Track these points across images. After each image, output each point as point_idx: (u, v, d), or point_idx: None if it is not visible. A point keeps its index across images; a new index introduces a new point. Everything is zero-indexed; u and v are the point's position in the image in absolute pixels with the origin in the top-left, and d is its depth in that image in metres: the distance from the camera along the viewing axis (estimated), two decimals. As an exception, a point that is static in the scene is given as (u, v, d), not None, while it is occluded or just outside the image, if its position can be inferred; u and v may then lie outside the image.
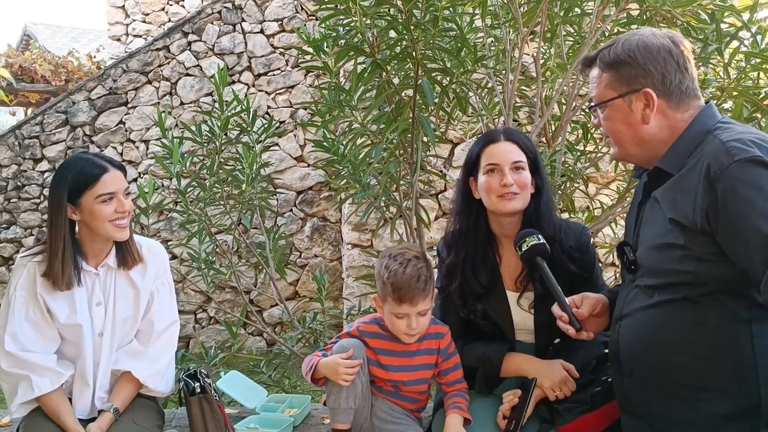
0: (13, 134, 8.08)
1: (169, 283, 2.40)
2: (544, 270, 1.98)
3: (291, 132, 7.47)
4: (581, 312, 1.90)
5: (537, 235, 2.03)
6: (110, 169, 2.17)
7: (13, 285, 2.20)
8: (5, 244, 8.07)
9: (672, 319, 1.63)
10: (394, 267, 2.07)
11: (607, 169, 5.18)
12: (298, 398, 2.69)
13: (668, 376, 1.65)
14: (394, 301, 2.06)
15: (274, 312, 7.39)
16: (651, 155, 1.74)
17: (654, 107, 1.69)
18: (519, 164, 2.12)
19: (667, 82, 1.68)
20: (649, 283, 1.69)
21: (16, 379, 2.16)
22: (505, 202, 2.10)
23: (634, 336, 1.72)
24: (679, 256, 1.59)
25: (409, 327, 2.08)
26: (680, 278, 1.60)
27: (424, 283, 2.06)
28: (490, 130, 2.32)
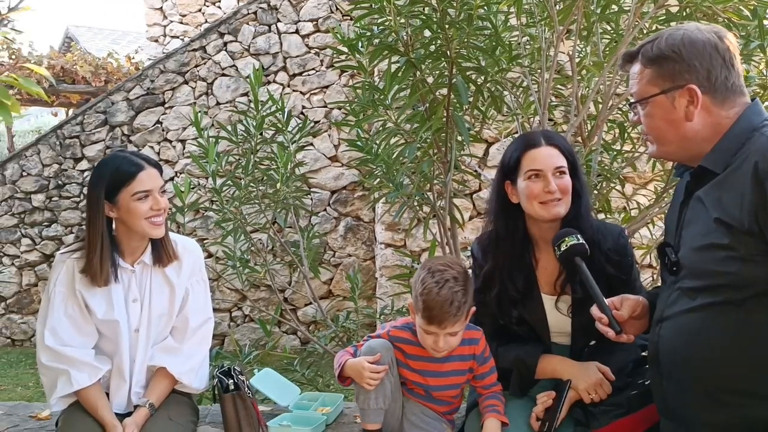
0: (54, 134, 8.26)
1: (203, 280, 2.42)
2: (583, 271, 1.95)
3: (325, 132, 7.51)
4: (621, 314, 1.86)
5: (576, 235, 2.00)
6: (146, 167, 2.20)
7: (52, 281, 2.25)
8: (46, 242, 8.25)
9: (715, 322, 1.59)
10: (429, 284, 2.01)
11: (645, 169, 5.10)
12: (330, 396, 2.69)
13: (710, 380, 1.61)
14: (423, 318, 2.03)
15: (308, 310, 7.43)
16: (692, 153, 1.69)
17: (698, 104, 1.64)
18: (561, 169, 2.09)
19: (712, 78, 1.63)
20: (692, 285, 1.64)
21: (55, 373, 2.20)
22: (549, 208, 2.07)
23: (675, 339, 1.68)
24: (724, 257, 1.55)
25: (436, 344, 2.06)
26: (724, 280, 1.56)
27: (456, 308, 2.00)
28: (527, 132, 2.28)
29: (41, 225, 8.25)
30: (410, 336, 2.18)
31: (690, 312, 1.64)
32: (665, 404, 1.74)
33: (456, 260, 2.25)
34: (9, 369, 7.31)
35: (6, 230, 8.26)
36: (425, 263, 2.12)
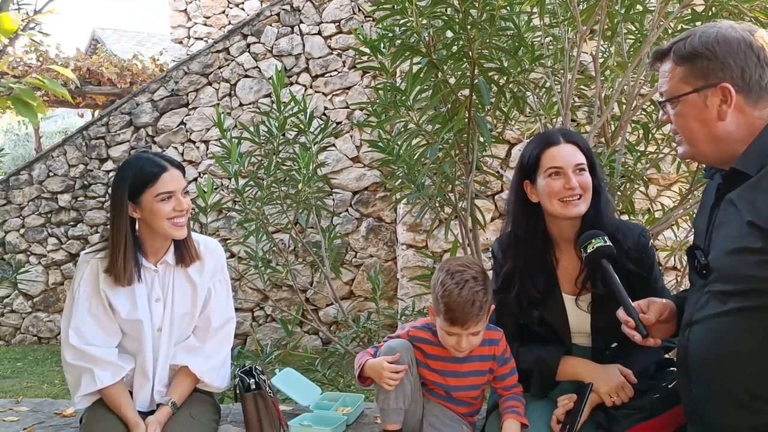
0: (80, 135, 8.37)
1: (225, 280, 2.44)
2: (610, 273, 1.92)
3: (347, 132, 7.52)
4: (648, 317, 1.83)
5: (603, 236, 1.97)
6: (169, 168, 2.23)
7: (77, 280, 2.28)
8: (72, 241, 8.36)
9: (746, 327, 1.55)
10: (449, 286, 2.01)
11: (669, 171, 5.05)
12: (351, 397, 2.70)
13: (740, 386, 1.57)
14: (445, 320, 2.03)
15: (330, 311, 7.45)
16: (724, 154, 1.65)
17: (732, 103, 1.59)
18: (581, 166, 2.08)
19: (746, 77, 1.59)
20: (723, 289, 1.60)
21: (79, 371, 2.23)
22: (569, 206, 2.06)
23: (704, 343, 1.65)
24: (756, 261, 1.51)
25: (458, 345, 2.05)
26: (756, 284, 1.52)
27: (478, 308, 2.00)
28: (545, 131, 2.28)
29: (67, 224, 8.36)
30: (430, 336, 2.18)
31: (720, 316, 1.61)
32: (693, 409, 1.70)
33: (473, 260, 2.25)
34: (35, 366, 7.42)
35: (33, 230, 8.38)
36: (443, 265, 2.12)
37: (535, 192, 2.14)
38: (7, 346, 8.47)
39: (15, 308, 8.52)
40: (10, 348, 8.36)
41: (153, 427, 2.16)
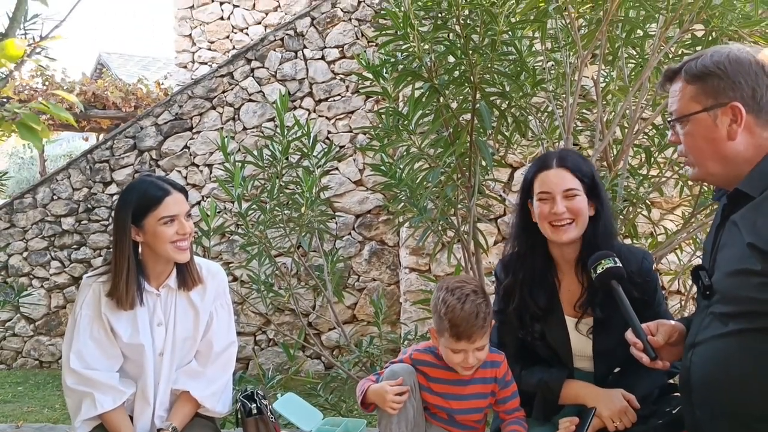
0: (84, 158, 8.40)
1: (227, 304, 2.43)
2: (620, 294, 1.91)
3: (350, 156, 7.55)
4: (657, 339, 1.82)
5: (613, 257, 1.96)
6: (172, 192, 2.23)
7: (79, 304, 2.28)
8: (75, 265, 8.36)
9: (747, 349, 1.55)
10: (452, 302, 2.02)
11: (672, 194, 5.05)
12: (353, 422, 2.67)
13: (742, 408, 1.56)
14: (451, 337, 2.02)
15: (332, 335, 7.42)
16: (733, 175, 1.64)
17: (742, 122, 1.59)
18: (571, 192, 2.07)
19: (757, 97, 1.58)
20: (724, 311, 1.60)
21: (80, 396, 2.22)
22: (558, 231, 2.06)
23: (706, 365, 1.64)
24: (757, 284, 1.50)
25: (465, 362, 2.05)
26: (757, 307, 1.51)
27: (482, 320, 2.01)
28: (546, 153, 2.29)
29: (70, 248, 8.37)
30: (433, 359, 2.17)
31: (722, 338, 1.60)
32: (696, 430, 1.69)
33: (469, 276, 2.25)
34: (36, 391, 7.38)
35: (36, 253, 8.39)
36: (441, 284, 2.13)
37: (533, 213, 2.15)
38: (8, 369, 8.43)
39: (17, 332, 8.50)
40: (11, 372, 8.33)
41: (153, 452, 2.15)
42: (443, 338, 2.06)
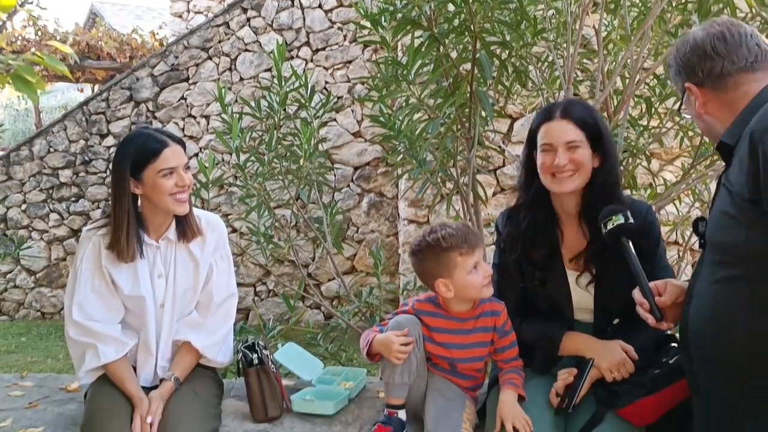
0: (80, 110, 8.34)
1: (227, 255, 2.44)
2: (629, 252, 1.91)
3: (348, 107, 7.49)
4: (664, 300, 1.84)
5: (625, 213, 1.95)
6: (170, 143, 2.21)
7: (79, 257, 2.28)
8: (74, 217, 8.37)
9: (731, 297, 1.58)
10: (443, 232, 2.09)
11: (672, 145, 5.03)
12: (353, 371, 2.71)
13: (732, 359, 1.59)
14: (466, 254, 2.06)
15: (332, 286, 7.48)
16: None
17: (700, 97, 1.73)
18: (573, 144, 2.05)
19: (698, 71, 1.72)
20: (712, 259, 1.65)
21: (83, 347, 2.24)
22: (559, 182, 2.06)
23: (700, 316, 1.67)
24: (732, 227, 1.56)
25: (485, 273, 2.10)
26: (736, 252, 1.56)
27: (473, 229, 2.16)
28: (551, 103, 2.26)
29: (69, 200, 8.37)
30: (434, 308, 2.20)
31: (711, 286, 1.64)
32: (695, 383, 1.72)
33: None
34: (39, 341, 7.47)
35: (34, 205, 8.39)
36: (416, 244, 2.17)
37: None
38: (11, 321, 8.52)
39: (18, 284, 8.57)
40: (14, 323, 8.42)
41: (156, 402, 2.18)
42: (457, 270, 2.08)
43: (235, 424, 2.34)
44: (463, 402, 2.17)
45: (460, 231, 2.10)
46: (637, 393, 1.94)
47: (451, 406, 2.13)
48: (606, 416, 1.97)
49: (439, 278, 2.11)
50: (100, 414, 2.15)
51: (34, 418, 2.44)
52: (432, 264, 2.11)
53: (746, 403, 1.58)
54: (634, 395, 1.94)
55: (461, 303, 2.17)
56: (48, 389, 2.77)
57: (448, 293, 2.12)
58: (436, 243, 2.09)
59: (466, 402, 2.19)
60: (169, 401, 2.21)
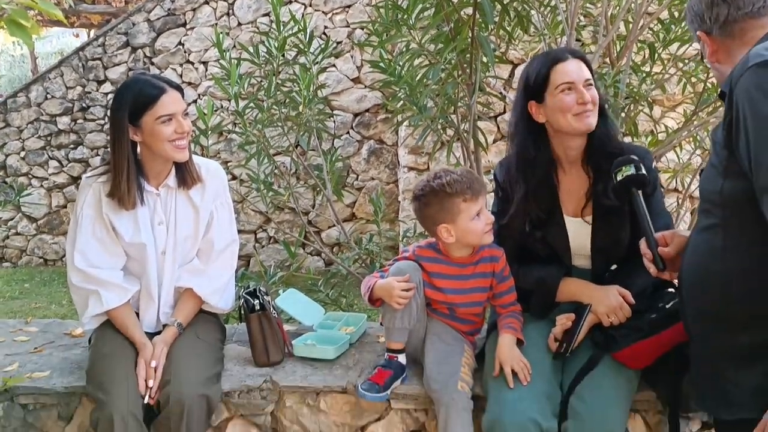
0: (77, 56, 8.24)
1: (228, 202, 2.44)
2: (639, 202, 1.92)
3: (348, 53, 7.39)
4: (668, 251, 1.85)
5: (636, 163, 1.95)
6: (168, 90, 2.19)
7: (79, 204, 2.28)
8: (73, 164, 8.36)
9: (711, 243, 1.61)
10: (448, 178, 2.09)
11: (674, 92, 4.98)
12: (354, 316, 2.74)
13: (710, 304, 1.63)
14: (470, 201, 2.08)
15: (332, 233, 7.51)
16: None
17: (711, 45, 1.72)
18: (590, 81, 2.09)
19: (706, 19, 1.71)
20: (701, 207, 1.69)
21: (85, 293, 2.26)
22: (584, 119, 2.06)
23: (687, 263, 1.71)
24: (714, 177, 1.59)
25: (488, 220, 2.11)
26: (713, 199, 1.60)
27: (477, 176, 2.15)
28: (550, 50, 2.24)
29: (67, 147, 8.33)
30: (434, 254, 2.22)
31: (698, 233, 1.68)
32: (687, 329, 1.76)
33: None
34: (43, 287, 7.54)
35: (33, 153, 8.37)
36: (419, 189, 2.17)
37: (541, 112, 2.12)
38: (14, 267, 8.59)
39: (20, 231, 8.60)
40: (17, 269, 8.48)
41: (160, 347, 2.21)
42: (460, 216, 2.09)
43: (238, 369, 2.38)
44: (462, 346, 2.21)
45: (465, 177, 2.10)
46: (633, 337, 1.97)
47: (450, 351, 2.17)
48: (602, 360, 2.01)
49: (441, 224, 2.12)
50: (105, 359, 2.19)
51: (39, 362, 2.49)
52: (435, 209, 2.12)
53: (730, 350, 1.60)
54: (630, 339, 1.97)
55: (461, 249, 2.18)
56: (53, 334, 2.81)
57: (449, 239, 2.13)
58: (441, 188, 2.09)
59: (465, 347, 2.22)
60: (172, 346, 2.25)
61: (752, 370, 1.57)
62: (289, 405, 2.28)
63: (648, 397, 2.11)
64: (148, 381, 2.13)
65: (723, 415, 1.64)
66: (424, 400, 2.17)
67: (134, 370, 2.16)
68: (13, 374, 2.36)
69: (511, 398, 1.95)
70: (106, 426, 2.02)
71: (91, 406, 2.19)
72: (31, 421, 2.32)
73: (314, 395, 2.27)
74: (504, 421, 1.90)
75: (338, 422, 2.27)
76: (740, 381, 1.58)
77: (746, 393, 1.57)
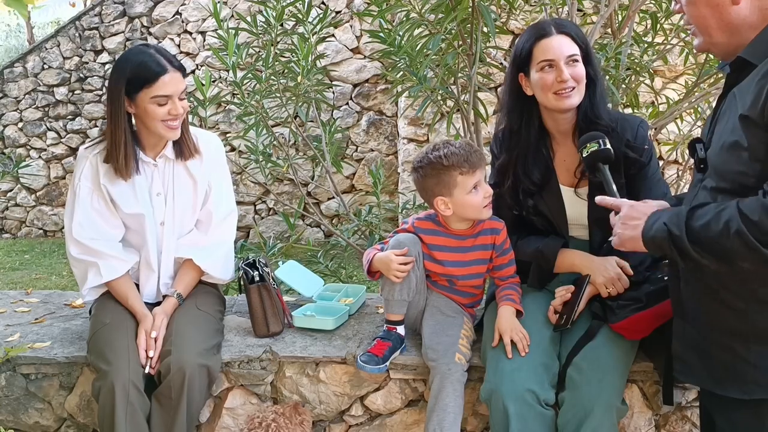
0: (73, 26, 8.16)
1: (225, 174, 2.44)
2: (605, 177, 1.94)
3: (347, 22, 7.32)
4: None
5: (601, 139, 1.96)
6: (169, 70, 2.15)
7: (77, 176, 2.28)
8: (72, 135, 8.32)
9: None
10: (445, 150, 2.09)
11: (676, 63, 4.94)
12: (353, 288, 2.75)
13: (724, 285, 1.58)
14: (467, 174, 2.07)
15: (331, 204, 7.51)
16: (739, 43, 1.57)
17: None
18: (573, 57, 2.04)
19: None
20: (714, 185, 1.58)
21: (85, 265, 2.27)
22: (563, 99, 2.04)
23: None
24: (746, 158, 1.47)
25: (486, 194, 2.11)
26: (744, 181, 1.48)
27: (476, 148, 2.13)
28: (538, 22, 2.21)
29: (65, 118, 8.29)
30: (434, 226, 2.22)
31: None
32: (681, 306, 1.74)
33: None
34: (43, 259, 7.56)
35: (31, 123, 8.32)
36: (418, 161, 2.17)
37: (529, 85, 2.11)
38: (14, 238, 8.60)
39: (19, 202, 8.59)
40: (17, 240, 8.50)
41: (160, 317, 2.22)
42: (457, 189, 2.09)
43: (238, 339, 2.39)
44: (462, 318, 2.22)
45: (463, 150, 2.09)
46: (631, 308, 1.98)
47: (449, 323, 2.18)
48: (600, 331, 2.02)
49: (438, 196, 2.12)
50: (106, 330, 2.20)
51: (41, 333, 2.50)
52: (432, 181, 2.12)
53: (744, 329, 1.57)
54: (628, 310, 1.98)
55: (460, 221, 2.19)
56: (53, 305, 2.82)
57: (447, 211, 2.14)
58: (438, 161, 2.09)
59: (465, 319, 2.23)
60: (172, 317, 2.26)
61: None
62: (289, 375, 2.30)
63: (645, 368, 2.13)
64: (148, 351, 2.15)
65: (733, 394, 1.60)
66: (423, 370, 2.19)
67: (135, 340, 2.17)
68: (15, 344, 2.38)
69: (509, 369, 1.96)
70: (107, 395, 2.04)
71: (92, 375, 2.21)
72: (33, 391, 2.35)
73: (314, 365, 2.29)
74: (502, 391, 1.91)
75: (338, 392, 2.29)
76: (758, 362, 1.56)
77: (764, 373, 1.55)
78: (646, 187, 2.09)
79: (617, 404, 1.92)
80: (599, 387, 1.90)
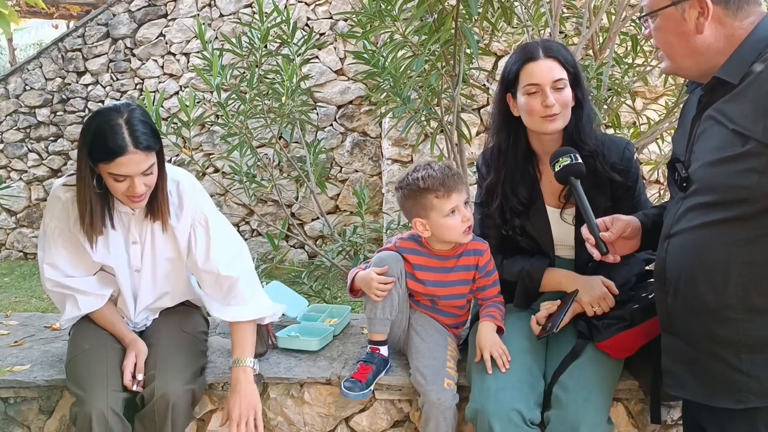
0: (56, 47, 8.13)
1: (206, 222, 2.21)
2: (577, 191, 1.95)
3: (331, 44, 7.35)
4: (608, 235, 1.88)
5: (572, 154, 1.98)
6: (129, 150, 1.93)
7: (48, 215, 2.16)
8: (53, 157, 8.25)
9: (725, 237, 1.56)
10: (423, 173, 2.09)
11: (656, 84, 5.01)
12: (338, 308, 2.74)
13: (715, 296, 1.60)
14: (442, 197, 2.07)
15: (316, 225, 7.49)
16: (705, 68, 1.63)
17: (709, 15, 1.57)
18: (560, 82, 2.05)
19: None
20: (704, 201, 1.60)
21: (62, 296, 2.22)
22: (548, 123, 2.05)
23: (683, 255, 1.67)
24: (740, 170, 1.50)
25: (464, 218, 2.10)
26: (738, 194, 1.52)
27: (456, 172, 2.12)
28: (527, 44, 2.23)
29: (47, 140, 8.23)
30: (416, 246, 2.22)
31: (700, 227, 1.62)
32: (668, 320, 1.74)
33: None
34: (23, 281, 7.46)
35: (12, 145, 8.25)
36: (400, 182, 2.18)
37: (516, 106, 2.12)
38: (-7, 261, 8.48)
39: (-1, 224, 8.49)
40: (-4, 263, 8.38)
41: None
42: (433, 212, 2.09)
43: (222, 360, 2.37)
44: (446, 339, 2.21)
45: (440, 173, 2.09)
46: (616, 327, 1.99)
47: (434, 344, 2.17)
48: (586, 349, 2.02)
49: (416, 217, 2.14)
50: (84, 355, 2.15)
51: (20, 356, 2.46)
52: (410, 203, 2.13)
53: (738, 341, 1.58)
54: (613, 329, 1.99)
55: (441, 242, 2.19)
56: (33, 328, 2.78)
57: (425, 232, 2.15)
58: (415, 183, 2.10)
59: (449, 339, 2.23)
60: (156, 339, 2.22)
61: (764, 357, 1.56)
62: (274, 396, 2.28)
63: (630, 386, 2.13)
64: (137, 375, 2.10)
65: (727, 405, 1.61)
66: (408, 390, 2.17)
67: (115, 365, 2.12)
68: (-5, 369, 2.33)
69: (494, 388, 1.95)
70: (84, 422, 1.98)
71: (72, 399, 2.17)
72: (12, 415, 2.30)
73: (298, 387, 2.27)
74: (487, 411, 1.90)
75: (322, 413, 2.27)
76: (750, 370, 1.57)
77: (756, 382, 1.56)
78: (632, 209, 2.10)
79: (603, 423, 1.91)
80: (585, 406, 1.90)
